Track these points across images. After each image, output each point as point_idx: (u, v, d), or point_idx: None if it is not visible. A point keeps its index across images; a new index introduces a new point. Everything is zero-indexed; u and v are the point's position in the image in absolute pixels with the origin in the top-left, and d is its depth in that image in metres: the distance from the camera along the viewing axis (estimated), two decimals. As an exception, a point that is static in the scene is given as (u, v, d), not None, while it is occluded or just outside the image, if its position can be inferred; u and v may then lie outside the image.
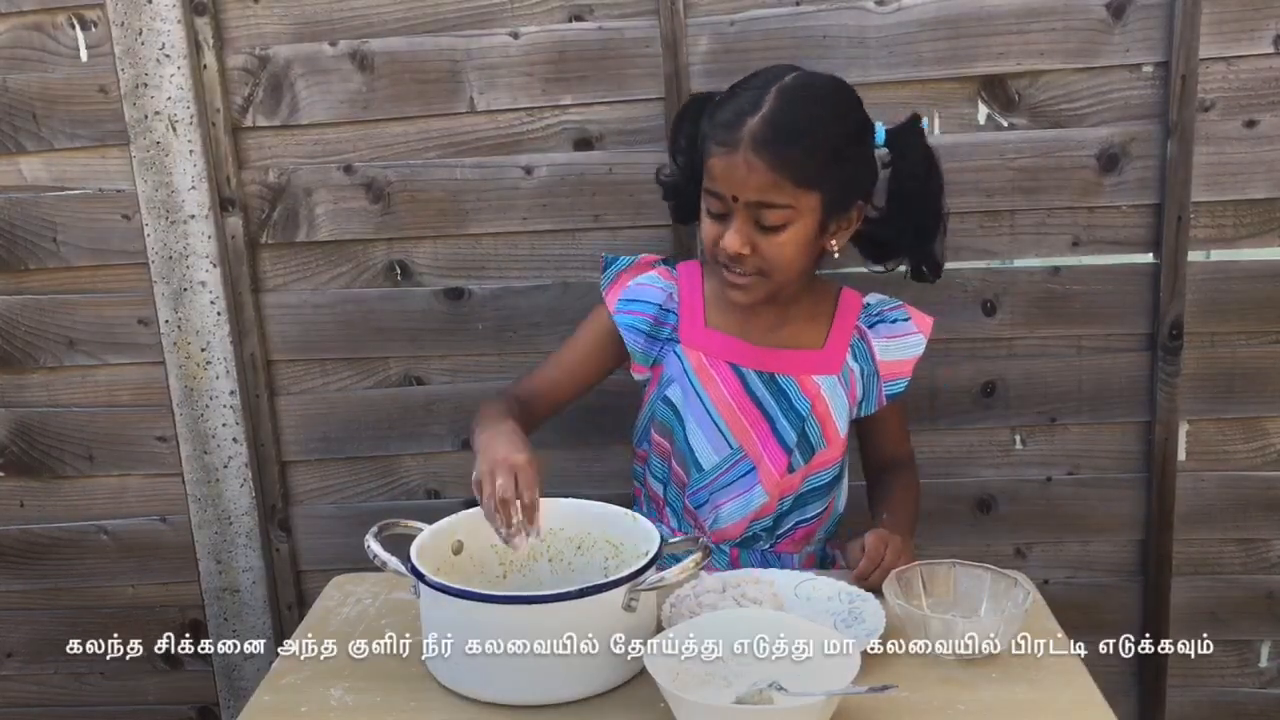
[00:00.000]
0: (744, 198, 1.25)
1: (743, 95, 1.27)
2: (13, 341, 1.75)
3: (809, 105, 1.25)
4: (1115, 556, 1.71)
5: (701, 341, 1.39)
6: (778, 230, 1.26)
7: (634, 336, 1.41)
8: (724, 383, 1.37)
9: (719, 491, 1.39)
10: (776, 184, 1.23)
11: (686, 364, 1.39)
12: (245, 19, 1.60)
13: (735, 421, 1.37)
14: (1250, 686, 1.74)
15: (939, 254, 1.39)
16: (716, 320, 1.40)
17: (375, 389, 1.73)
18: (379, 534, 1.19)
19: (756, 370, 1.38)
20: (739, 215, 1.27)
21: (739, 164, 1.24)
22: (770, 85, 1.26)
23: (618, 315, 1.41)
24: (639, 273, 1.43)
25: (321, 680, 1.17)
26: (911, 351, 1.41)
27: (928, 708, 1.07)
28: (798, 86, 1.26)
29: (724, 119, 1.26)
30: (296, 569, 1.81)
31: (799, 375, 1.38)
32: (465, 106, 1.61)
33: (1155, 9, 1.50)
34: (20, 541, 1.84)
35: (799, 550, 1.43)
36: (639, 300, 1.41)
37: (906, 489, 1.47)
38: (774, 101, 1.24)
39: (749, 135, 1.23)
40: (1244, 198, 1.56)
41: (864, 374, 1.40)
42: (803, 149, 1.23)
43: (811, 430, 1.37)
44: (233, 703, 1.85)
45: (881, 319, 1.41)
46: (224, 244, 1.67)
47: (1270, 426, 1.64)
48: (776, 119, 1.23)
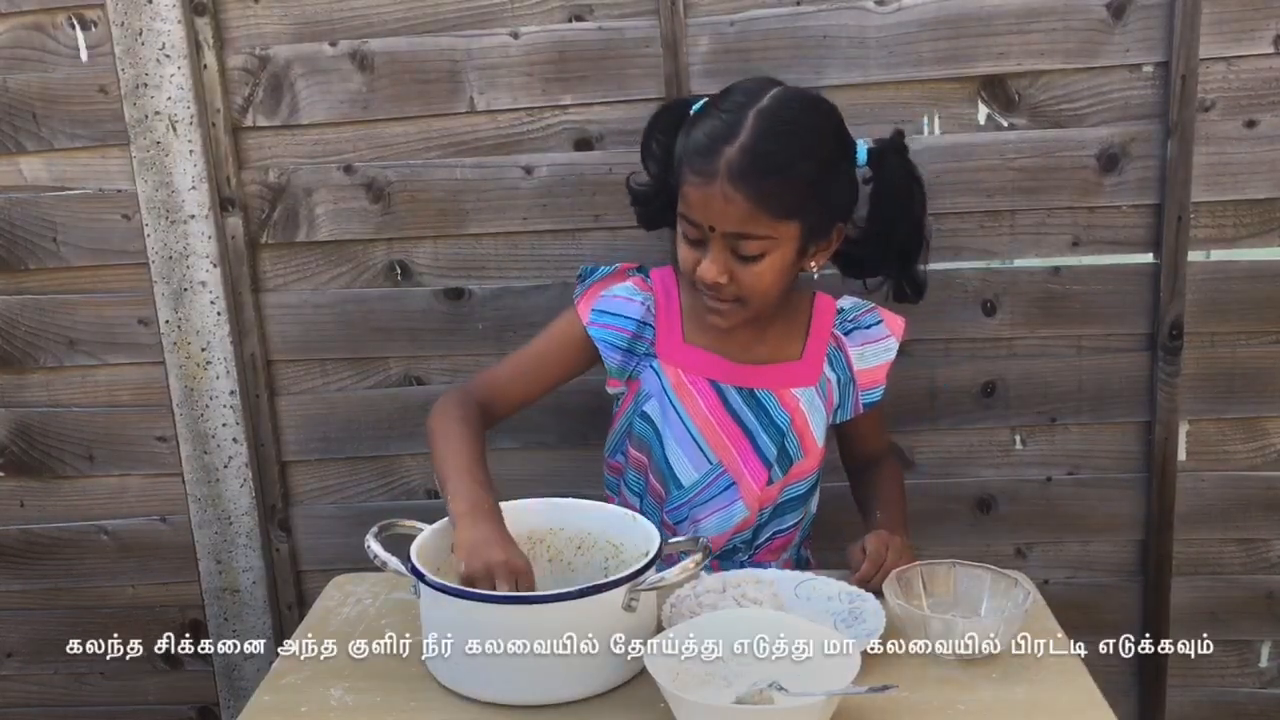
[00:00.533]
0: (721, 229, 1.21)
1: (717, 117, 1.21)
2: (13, 341, 1.75)
3: (788, 133, 1.20)
4: (1115, 556, 1.71)
5: (679, 357, 1.36)
6: (756, 260, 1.23)
7: (611, 352, 1.36)
8: (703, 399, 1.35)
9: (699, 507, 1.38)
10: (754, 216, 1.19)
11: (665, 380, 1.36)
12: (245, 19, 1.60)
13: (715, 438, 1.35)
14: (1250, 686, 1.74)
15: (921, 274, 1.36)
16: (694, 335, 1.36)
17: (375, 389, 1.73)
18: (379, 534, 1.19)
19: (736, 386, 1.36)
20: (715, 244, 1.23)
21: (715, 196, 1.19)
22: (747, 108, 1.20)
23: (593, 328, 1.36)
24: (613, 282, 1.39)
25: (321, 680, 1.17)
26: (885, 356, 1.40)
27: (928, 708, 1.07)
28: (775, 109, 1.21)
29: (699, 144, 1.21)
30: (296, 569, 1.81)
31: (778, 389, 1.36)
32: (465, 106, 1.61)
33: (1155, 9, 1.50)
34: (20, 541, 1.84)
35: (777, 558, 1.42)
36: (616, 314, 1.37)
37: (893, 483, 1.47)
38: (752, 129, 1.19)
39: (726, 166, 1.18)
40: (1244, 198, 1.56)
41: (840, 382, 1.39)
42: (781, 181, 1.19)
43: (791, 443, 1.36)
44: (233, 703, 1.85)
45: (857, 325, 1.40)
46: (224, 244, 1.67)
47: (1270, 426, 1.64)
48: (755, 148, 1.18)
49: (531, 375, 1.40)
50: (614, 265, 1.42)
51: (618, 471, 1.45)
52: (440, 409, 1.32)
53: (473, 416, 1.31)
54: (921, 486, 1.66)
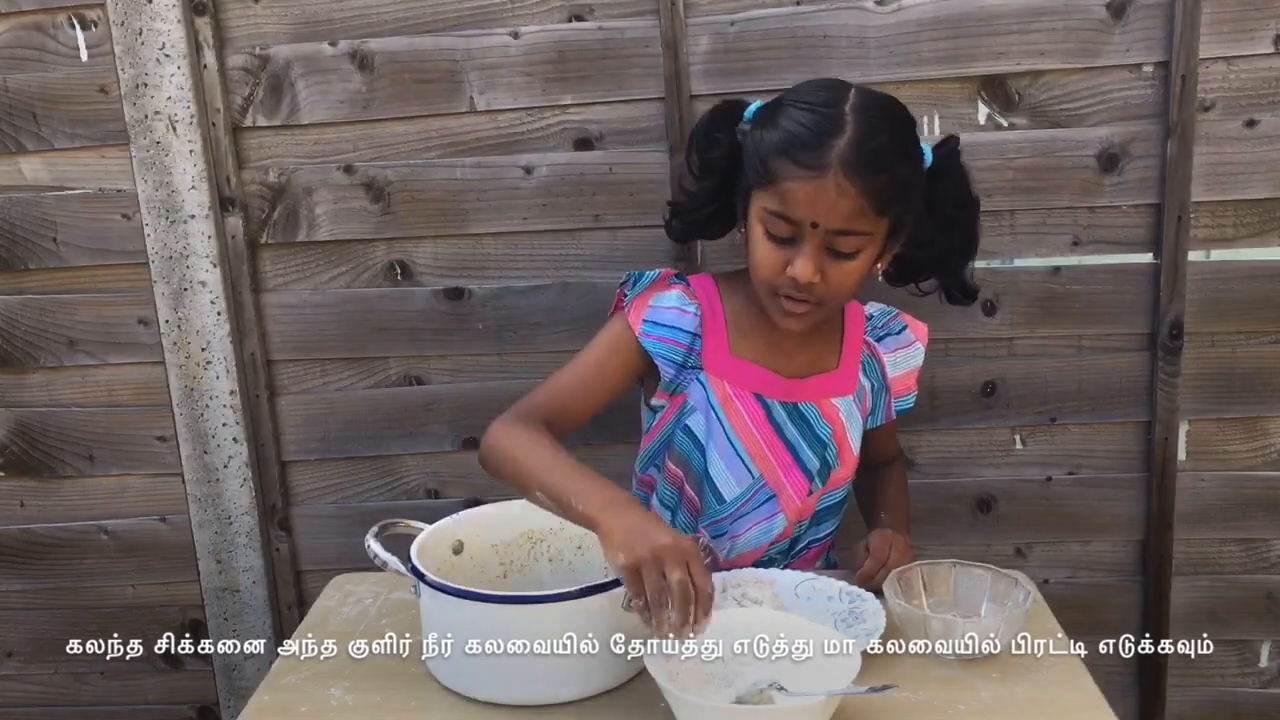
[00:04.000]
0: (826, 224, 1.17)
1: (811, 112, 1.18)
2: (13, 341, 1.75)
3: (889, 128, 1.19)
4: (1115, 556, 1.71)
5: (727, 370, 1.32)
6: (850, 257, 1.20)
7: (667, 366, 1.31)
8: (749, 414, 1.32)
9: (739, 521, 1.35)
10: (862, 211, 1.16)
11: (711, 393, 1.31)
12: (245, 19, 1.60)
13: (758, 451, 1.32)
14: (1250, 686, 1.74)
15: (970, 277, 1.34)
16: (741, 347, 1.32)
17: (375, 389, 1.73)
18: (379, 534, 1.19)
19: (781, 401, 1.33)
20: (811, 241, 1.18)
21: (827, 189, 1.15)
22: (840, 104, 1.17)
23: (647, 340, 1.31)
24: (659, 290, 1.34)
25: (321, 680, 1.17)
26: (914, 362, 1.41)
27: (928, 708, 1.07)
28: (870, 106, 1.19)
29: (800, 138, 1.16)
30: (296, 569, 1.81)
31: (819, 400, 1.34)
32: (465, 106, 1.61)
33: (1155, 9, 1.50)
34: (20, 541, 1.84)
35: (810, 567, 1.41)
36: (671, 327, 1.31)
37: (899, 486, 1.47)
38: (857, 123, 1.16)
39: (839, 159, 1.14)
40: (1244, 198, 1.56)
41: (873, 389, 1.39)
42: (889, 176, 1.16)
43: (831, 454, 1.35)
44: (233, 703, 1.85)
45: (888, 331, 1.40)
46: (224, 244, 1.67)
47: (1270, 426, 1.64)
48: (864, 143, 1.15)
49: (594, 387, 1.31)
50: (654, 272, 1.36)
51: (649, 486, 1.41)
52: (505, 432, 1.22)
53: (546, 431, 1.22)
54: (921, 486, 1.66)
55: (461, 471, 1.75)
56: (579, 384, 1.31)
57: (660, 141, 1.59)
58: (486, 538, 1.29)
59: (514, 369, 1.69)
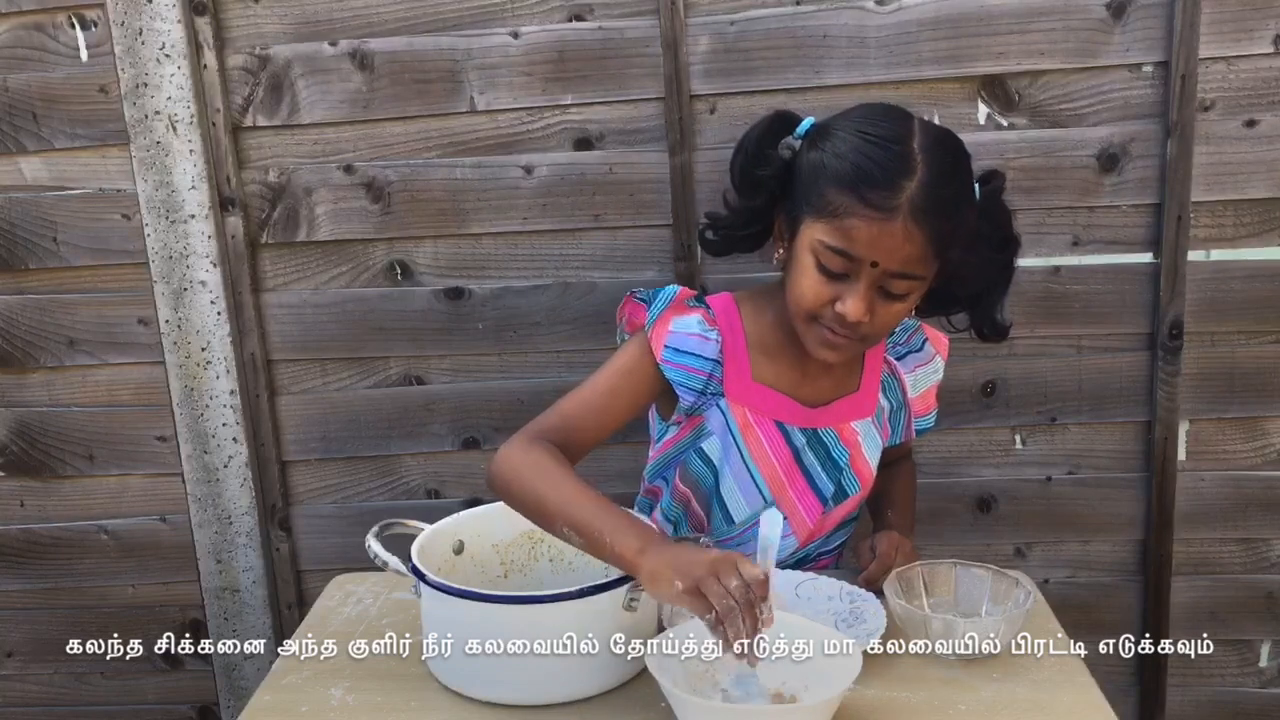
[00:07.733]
0: (886, 266, 1.12)
1: (879, 148, 1.12)
2: (13, 341, 1.75)
3: (957, 172, 1.15)
4: (1115, 556, 1.71)
5: (749, 398, 1.28)
6: (900, 298, 1.16)
7: (687, 394, 1.26)
8: (768, 441, 1.28)
9: (748, 543, 1.31)
10: (924, 256, 1.12)
11: (731, 420, 1.28)
12: (245, 19, 1.60)
13: (773, 476, 1.29)
14: (1250, 686, 1.75)
15: (1001, 314, 1.28)
16: (764, 371, 1.28)
17: (375, 389, 1.73)
18: (379, 534, 1.19)
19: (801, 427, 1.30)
20: (865, 279, 1.13)
21: (895, 232, 1.10)
22: (907, 142, 1.12)
23: (668, 368, 1.25)
24: (678, 313, 1.27)
25: (321, 680, 1.17)
26: (934, 378, 1.38)
27: (928, 708, 1.07)
28: (938, 146, 1.14)
29: (871, 177, 1.11)
30: (296, 569, 1.81)
31: (838, 424, 1.32)
32: (465, 106, 1.61)
33: (1155, 9, 1.50)
34: (20, 541, 1.84)
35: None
36: (692, 354, 1.26)
37: (908, 484, 1.47)
38: (928, 165, 1.11)
39: (909, 203, 1.10)
40: (1244, 197, 1.56)
41: (892, 409, 1.37)
42: (954, 222, 1.13)
43: (848, 479, 1.33)
44: (233, 703, 1.85)
45: (909, 348, 1.37)
46: (224, 244, 1.67)
47: (1270, 426, 1.64)
48: (935, 188, 1.11)
49: (607, 412, 1.25)
50: (672, 289, 1.29)
51: (655, 495, 1.40)
52: (517, 457, 1.17)
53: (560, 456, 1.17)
54: (921, 486, 1.65)
55: (461, 471, 1.75)
56: (593, 406, 1.25)
57: (660, 141, 1.59)
58: (487, 537, 1.29)
59: (514, 369, 1.69)
